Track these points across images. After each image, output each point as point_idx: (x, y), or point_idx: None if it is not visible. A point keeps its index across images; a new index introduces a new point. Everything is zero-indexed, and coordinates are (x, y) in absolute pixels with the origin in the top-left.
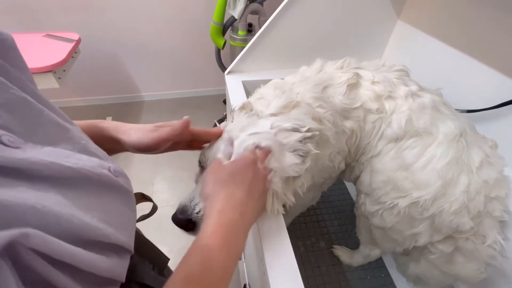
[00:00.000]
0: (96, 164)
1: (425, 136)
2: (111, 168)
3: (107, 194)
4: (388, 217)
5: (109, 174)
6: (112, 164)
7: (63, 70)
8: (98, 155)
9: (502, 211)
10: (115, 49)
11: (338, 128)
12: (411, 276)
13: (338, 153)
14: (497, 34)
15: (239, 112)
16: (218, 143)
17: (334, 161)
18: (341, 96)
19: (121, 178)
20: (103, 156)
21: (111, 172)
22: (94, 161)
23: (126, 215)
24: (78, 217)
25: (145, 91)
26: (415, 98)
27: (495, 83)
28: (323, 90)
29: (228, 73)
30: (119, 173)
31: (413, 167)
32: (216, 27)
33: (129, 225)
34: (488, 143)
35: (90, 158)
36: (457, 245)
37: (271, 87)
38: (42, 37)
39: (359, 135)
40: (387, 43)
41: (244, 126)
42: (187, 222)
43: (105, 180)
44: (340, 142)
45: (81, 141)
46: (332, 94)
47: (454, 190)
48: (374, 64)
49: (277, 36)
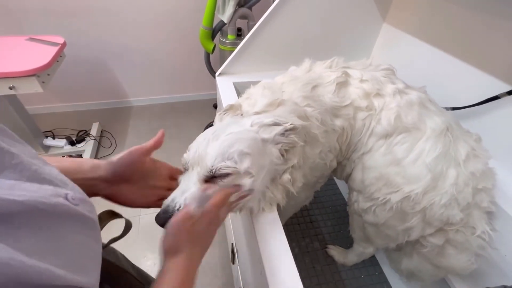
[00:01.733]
0: (49, 193)
1: (413, 131)
2: (68, 196)
3: (63, 227)
4: (381, 213)
5: (65, 203)
6: (71, 190)
7: (47, 74)
8: (53, 181)
9: (489, 202)
10: (101, 54)
11: (327, 127)
12: (405, 271)
13: (330, 151)
14: (479, 35)
15: (222, 115)
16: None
17: (325, 159)
18: (331, 94)
19: (82, 205)
20: (60, 182)
21: (69, 200)
22: (46, 189)
23: (88, 247)
24: (19, 260)
25: (134, 96)
26: (402, 95)
27: (477, 81)
28: (312, 89)
29: (219, 74)
30: (79, 200)
31: (404, 162)
32: (205, 31)
33: (92, 259)
34: (472, 136)
35: (42, 186)
36: (448, 237)
37: (260, 87)
38: (25, 40)
39: (349, 132)
40: (373, 45)
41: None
42: (169, 220)
43: (61, 211)
44: (331, 140)
45: (31, 166)
46: (322, 93)
47: (444, 183)
48: (362, 64)
49: (267, 38)
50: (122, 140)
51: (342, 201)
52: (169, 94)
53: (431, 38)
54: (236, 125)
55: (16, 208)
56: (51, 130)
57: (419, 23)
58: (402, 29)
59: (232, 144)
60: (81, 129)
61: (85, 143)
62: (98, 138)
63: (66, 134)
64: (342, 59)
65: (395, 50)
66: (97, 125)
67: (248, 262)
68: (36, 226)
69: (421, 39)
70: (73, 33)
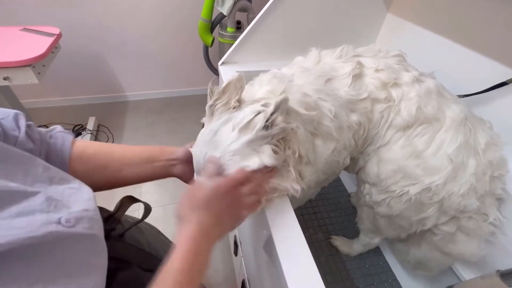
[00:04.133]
0: (38, 224)
1: (433, 122)
2: (62, 219)
3: (58, 252)
4: (396, 205)
5: (58, 228)
6: (65, 213)
7: (43, 65)
8: (44, 209)
9: (501, 189)
10: (98, 47)
11: (342, 123)
12: (412, 261)
13: (344, 149)
14: (484, 20)
15: (213, 110)
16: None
17: (339, 157)
18: (347, 87)
19: (78, 225)
20: (53, 208)
21: (62, 224)
22: (35, 220)
23: (87, 262)
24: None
25: (130, 91)
26: (420, 84)
27: (483, 68)
28: (326, 83)
29: (222, 63)
30: (76, 219)
31: (424, 153)
32: (204, 24)
33: (92, 271)
34: (486, 124)
35: (30, 218)
36: (460, 224)
37: (269, 75)
38: (19, 31)
39: (367, 127)
40: (377, 35)
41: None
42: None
43: (53, 238)
44: (345, 137)
45: (21, 200)
46: (337, 87)
47: (464, 173)
48: (371, 50)
49: (273, 25)
50: (119, 134)
51: (345, 193)
52: (166, 89)
53: (436, 26)
54: (224, 136)
55: (1, 249)
56: (46, 125)
57: (423, 11)
58: (406, 18)
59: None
60: (77, 124)
61: (81, 137)
62: (95, 133)
63: None
64: (351, 47)
65: (399, 40)
66: (93, 120)
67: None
68: (22, 262)
69: (426, 27)
70: (68, 24)
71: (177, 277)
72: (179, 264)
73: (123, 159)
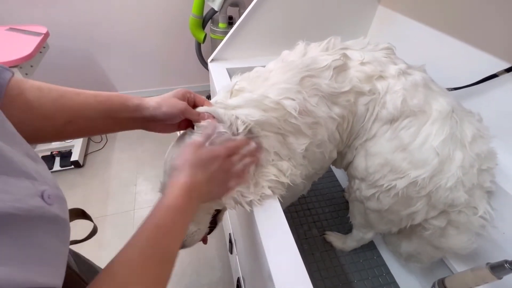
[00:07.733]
0: (25, 193)
1: (419, 115)
2: (45, 193)
3: (33, 231)
4: (385, 199)
5: (41, 204)
6: (48, 185)
7: (30, 65)
8: (31, 174)
9: (491, 182)
10: (88, 45)
11: (319, 117)
12: (404, 254)
13: (329, 141)
14: (474, 12)
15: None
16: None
17: (324, 150)
18: (327, 80)
19: (56, 204)
20: (37, 174)
21: (44, 200)
22: (23, 187)
23: (54, 250)
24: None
25: (122, 89)
26: (406, 77)
27: (474, 60)
28: (303, 79)
29: (211, 61)
30: (55, 197)
31: (411, 146)
32: (196, 20)
33: (60, 261)
34: (475, 117)
35: (19, 182)
36: (450, 218)
37: (245, 75)
38: (5, 30)
39: (351, 120)
40: (369, 28)
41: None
42: None
43: (35, 214)
44: (326, 130)
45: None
46: (317, 80)
47: (450, 166)
48: (360, 43)
49: (261, 21)
50: (113, 134)
51: (338, 188)
52: (158, 87)
53: (427, 18)
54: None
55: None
56: None
57: (415, 3)
58: (397, 10)
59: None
60: None
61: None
62: None
63: None
64: (338, 39)
65: (391, 32)
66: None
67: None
68: (13, 233)
69: (417, 19)
70: (56, 23)
71: (172, 211)
72: (174, 201)
73: (74, 111)
